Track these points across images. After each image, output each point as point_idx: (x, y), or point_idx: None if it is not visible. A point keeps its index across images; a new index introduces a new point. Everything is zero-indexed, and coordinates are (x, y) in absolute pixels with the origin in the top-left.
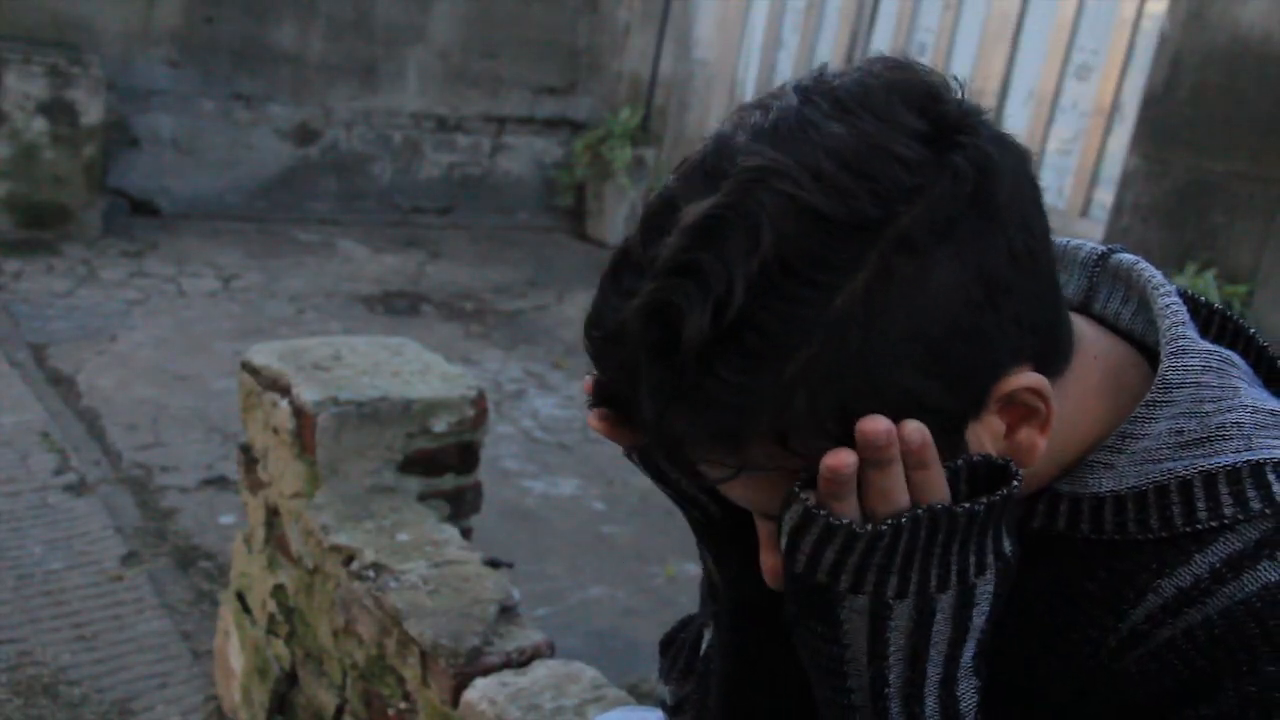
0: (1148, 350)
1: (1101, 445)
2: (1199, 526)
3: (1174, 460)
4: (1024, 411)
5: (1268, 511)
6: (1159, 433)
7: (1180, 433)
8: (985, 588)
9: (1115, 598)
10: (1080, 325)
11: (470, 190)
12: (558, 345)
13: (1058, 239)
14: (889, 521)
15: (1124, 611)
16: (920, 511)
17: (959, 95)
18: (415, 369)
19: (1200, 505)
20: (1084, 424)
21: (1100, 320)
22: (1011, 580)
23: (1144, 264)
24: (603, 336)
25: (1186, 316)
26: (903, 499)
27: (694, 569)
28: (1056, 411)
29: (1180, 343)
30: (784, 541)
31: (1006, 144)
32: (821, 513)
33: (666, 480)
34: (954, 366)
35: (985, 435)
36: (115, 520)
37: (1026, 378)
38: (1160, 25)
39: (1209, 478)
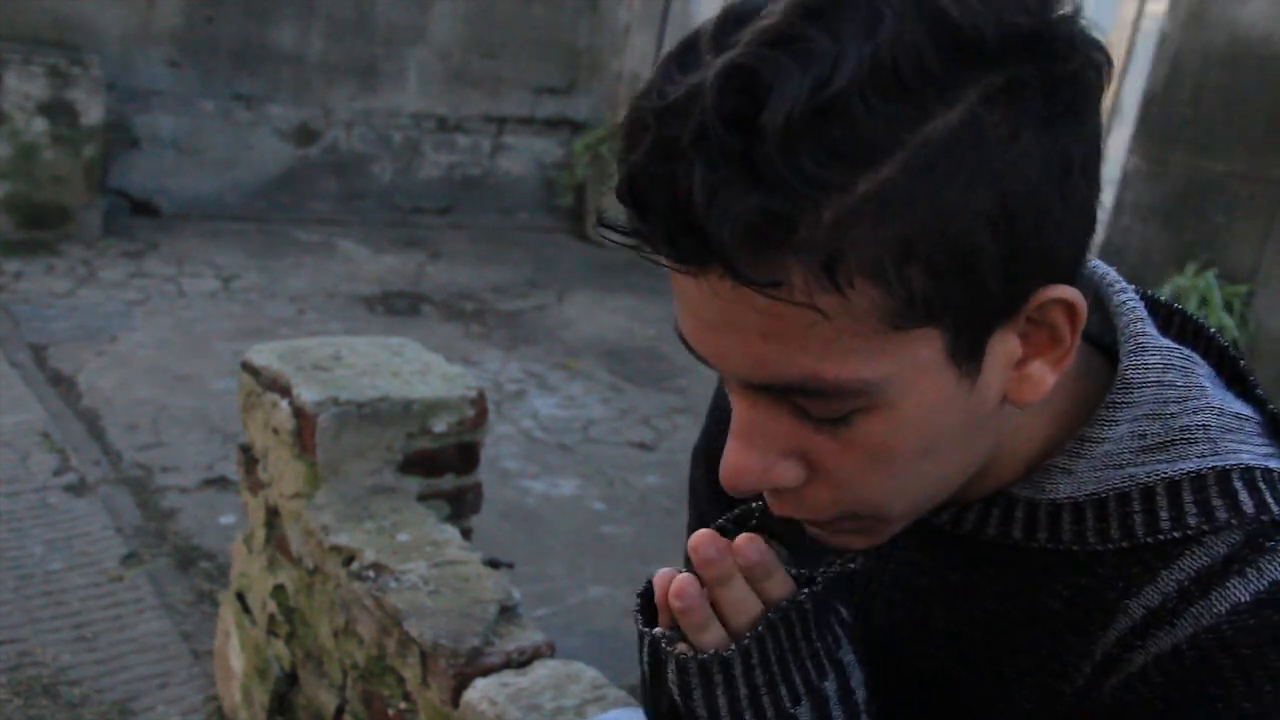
0: (1103, 350)
1: (1061, 449)
2: (1162, 537)
3: (1136, 465)
4: (1045, 337)
5: (1234, 522)
6: (1120, 435)
7: (1143, 436)
8: (849, 657)
9: (1083, 618)
10: None
11: (470, 190)
12: (558, 345)
13: None
14: (750, 633)
15: (1094, 634)
16: (773, 614)
17: None
18: (415, 369)
19: (1164, 515)
20: (1041, 423)
21: None
22: (856, 636)
23: (1098, 262)
24: (660, 106)
25: (1145, 313)
26: (756, 607)
27: None
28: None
29: (1140, 340)
30: (675, 698)
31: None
32: (688, 654)
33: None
34: (1018, 238)
35: (1002, 353)
36: (115, 520)
37: (1072, 291)
38: (1160, 25)
39: (1173, 485)
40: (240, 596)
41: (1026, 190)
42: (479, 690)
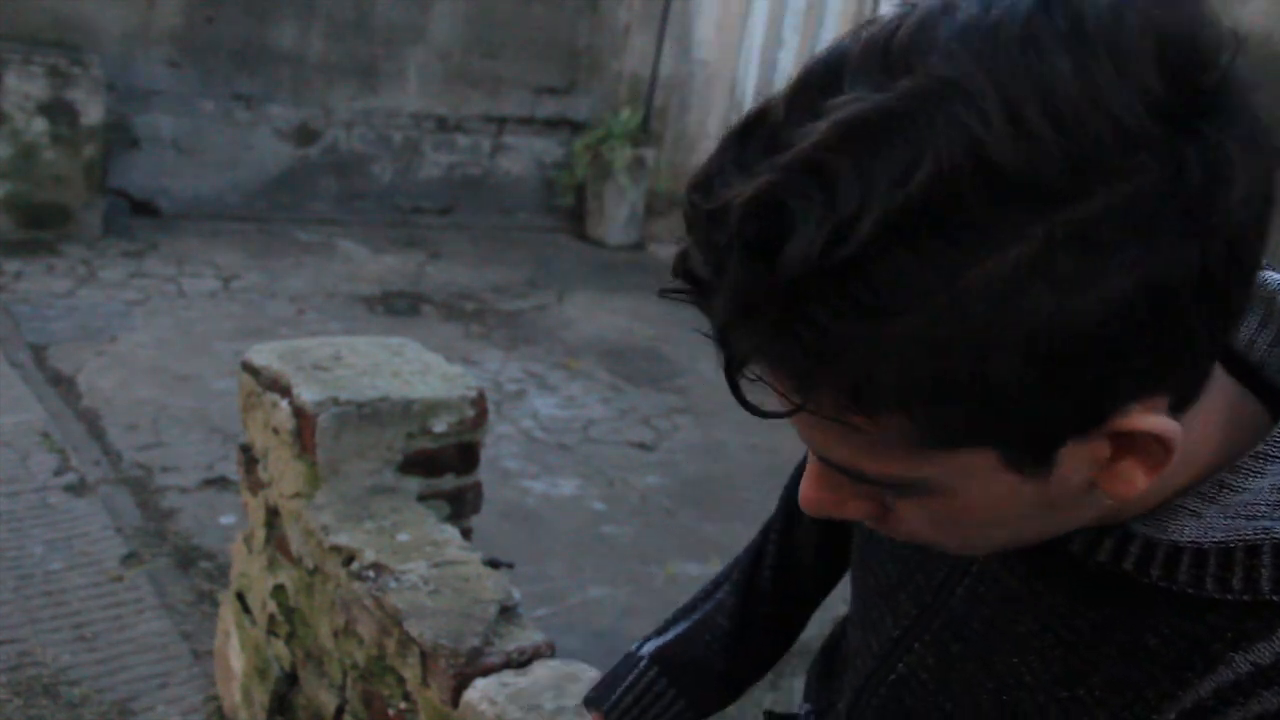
0: (1270, 388)
1: (1193, 490)
2: None
3: (1274, 520)
4: (1135, 446)
5: None
6: (1263, 488)
7: None
8: None
9: (1180, 662)
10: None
11: (470, 190)
12: (558, 345)
13: None
14: None
15: (1188, 680)
16: None
17: (1230, 60)
18: (415, 369)
19: None
20: (1180, 463)
21: (1227, 346)
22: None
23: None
24: (704, 209)
25: None
26: None
27: (694, 569)
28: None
29: None
30: None
31: (1261, 143)
32: None
33: None
34: (1075, 384)
35: (1084, 457)
36: (115, 520)
37: (1155, 421)
38: None
39: None
40: (240, 596)
41: (1095, 336)
42: (479, 690)
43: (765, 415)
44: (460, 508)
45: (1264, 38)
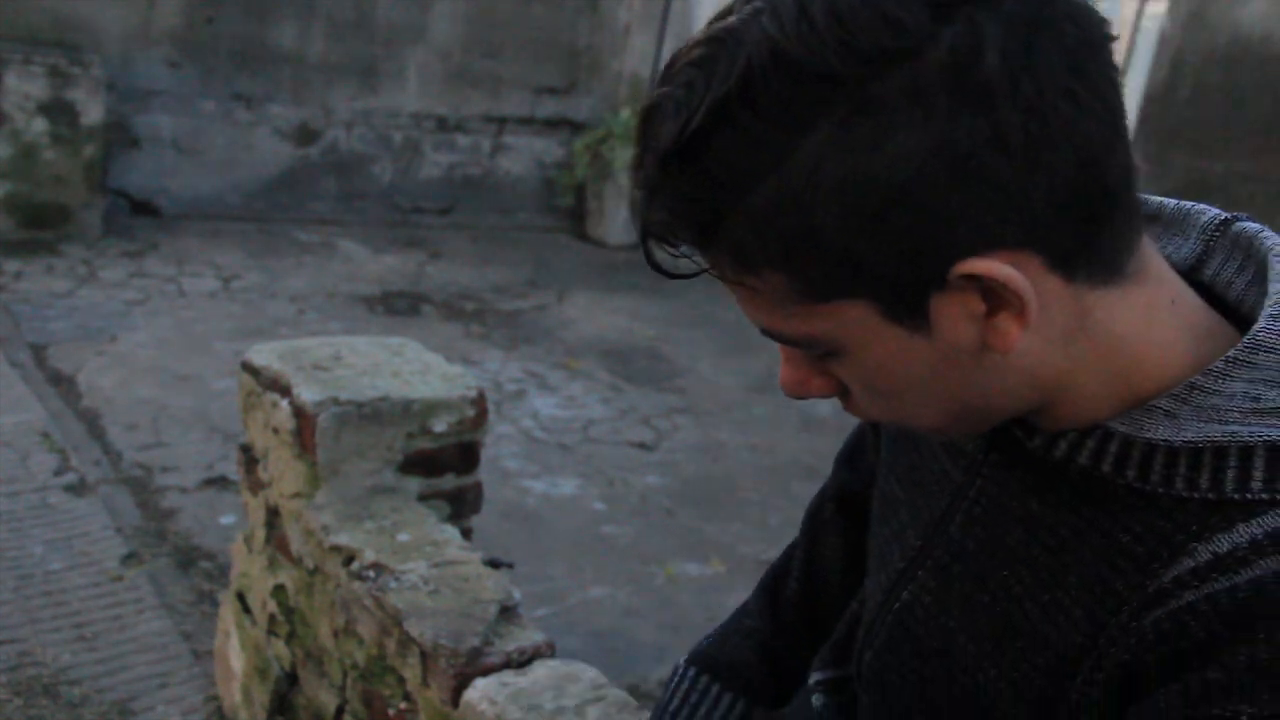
0: (1247, 321)
1: (1168, 392)
2: (1250, 496)
3: (1242, 425)
4: (1001, 297)
5: None
6: (1234, 392)
7: (1257, 399)
8: None
9: (1149, 555)
10: (1163, 276)
11: (470, 190)
12: (558, 345)
13: (1182, 203)
14: None
15: (1154, 570)
16: None
17: None
18: (415, 369)
19: (1257, 475)
20: (1148, 364)
21: (1210, 288)
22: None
23: (1269, 233)
24: (644, 109)
25: None
26: None
27: (694, 569)
28: (1072, 322)
29: None
30: None
31: (1037, 21)
32: None
33: None
34: (899, 236)
35: (958, 311)
36: (115, 520)
37: (989, 265)
38: (1160, 25)
39: (1274, 449)
40: (240, 596)
41: (899, 192)
42: (479, 690)
43: (674, 276)
44: (460, 508)
45: (1264, 38)
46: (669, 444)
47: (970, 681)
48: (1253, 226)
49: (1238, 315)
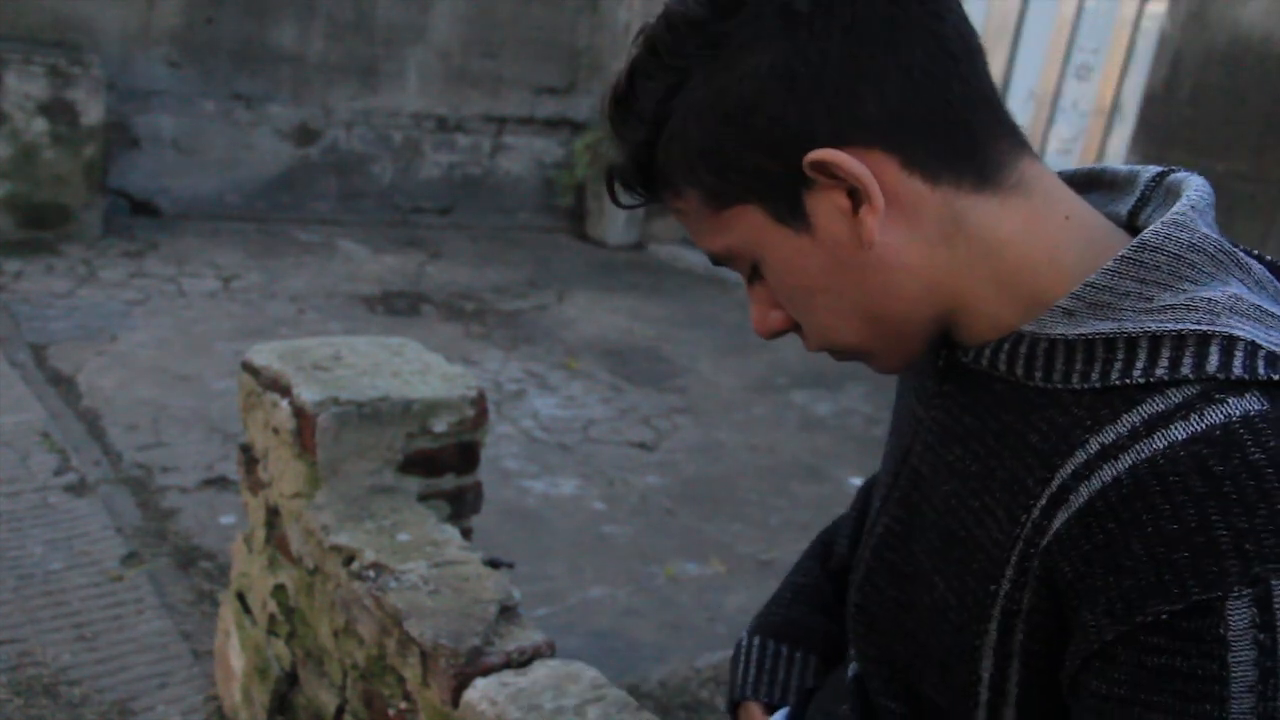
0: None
1: (1069, 294)
2: (1129, 382)
3: (1132, 321)
4: (862, 193)
5: (1190, 377)
6: (1126, 290)
7: (1149, 299)
8: None
9: (1050, 451)
10: (1058, 195)
11: (470, 190)
12: (558, 345)
13: (1133, 167)
14: None
15: (1056, 465)
16: None
17: None
18: (415, 369)
19: (1138, 364)
20: (1041, 270)
21: (1140, 230)
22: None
23: (1196, 177)
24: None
25: (1206, 209)
26: None
27: (694, 569)
28: (919, 210)
29: (1179, 218)
30: None
31: None
32: None
33: None
34: (760, 137)
35: (828, 207)
36: (115, 520)
37: (825, 152)
38: (1160, 25)
39: (1154, 339)
40: (240, 596)
41: (751, 101)
42: (479, 690)
43: (625, 206)
44: (460, 508)
45: (1264, 38)
46: (669, 444)
47: (929, 599)
48: (1182, 174)
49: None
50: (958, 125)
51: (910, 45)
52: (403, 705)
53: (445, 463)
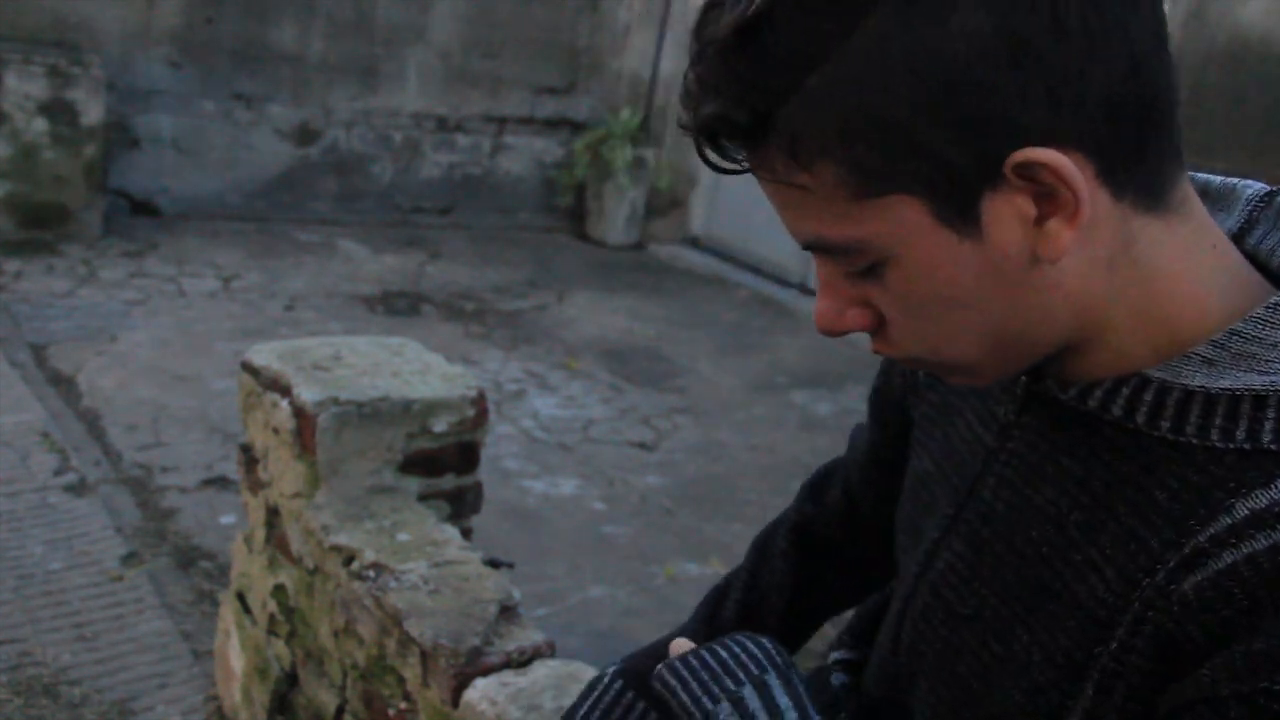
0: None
1: (1207, 339)
2: None
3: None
4: (1053, 199)
5: None
6: (1275, 341)
7: None
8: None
9: (1185, 513)
10: (1206, 221)
11: (470, 190)
12: (558, 345)
13: (1228, 179)
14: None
15: (1191, 528)
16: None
17: None
18: (415, 369)
19: None
20: (1186, 306)
21: (1253, 256)
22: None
23: None
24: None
25: None
26: None
27: (694, 569)
28: (1097, 223)
29: None
30: None
31: None
32: None
33: None
34: (959, 116)
35: (1008, 212)
36: (115, 520)
37: (1045, 152)
38: None
39: None
40: (240, 596)
41: (962, 68)
42: (479, 690)
43: (724, 171)
44: (460, 508)
45: (1264, 38)
46: (669, 444)
47: (1001, 648)
48: None
49: (1279, 280)
50: (1150, 128)
51: (1140, 22)
52: (403, 705)
53: (445, 463)
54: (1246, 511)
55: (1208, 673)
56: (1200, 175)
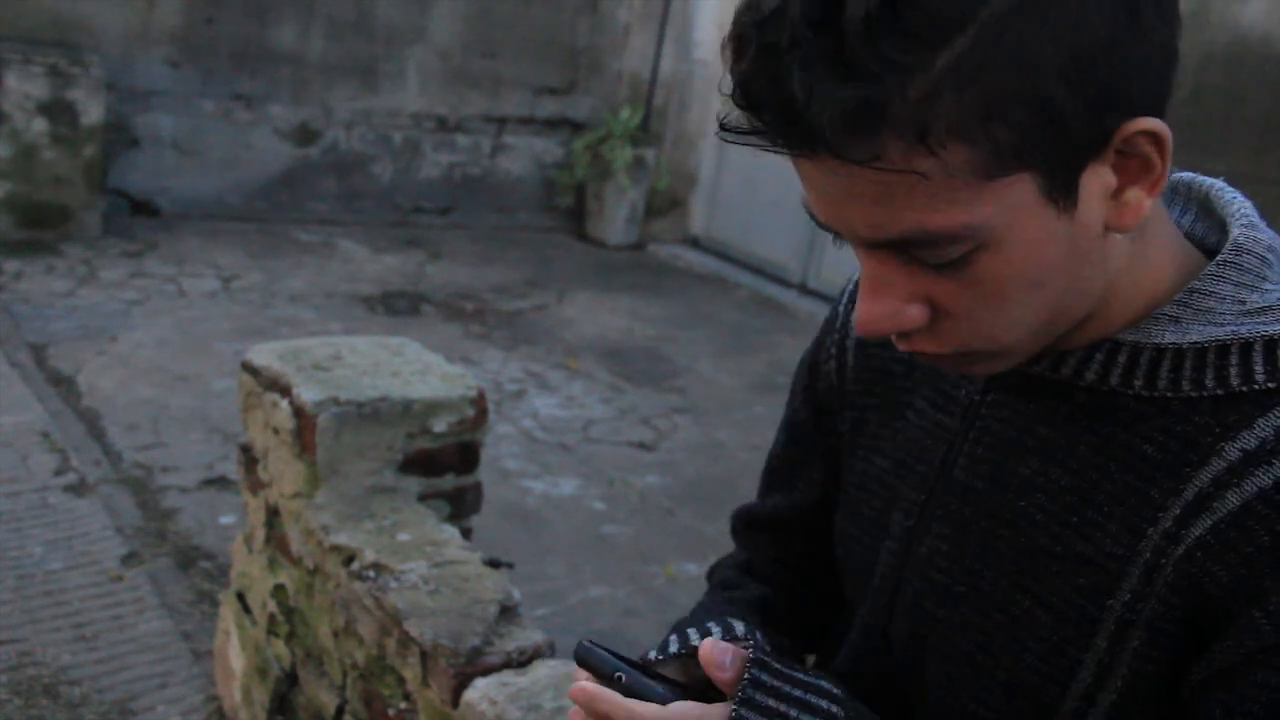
0: (1207, 252)
1: (1170, 300)
2: (1256, 387)
3: (1237, 324)
4: (1137, 166)
5: None
6: (1224, 295)
7: (1242, 302)
8: None
9: (1176, 460)
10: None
11: (470, 190)
12: (558, 345)
13: None
14: None
15: (1186, 474)
16: None
17: None
18: (415, 369)
19: (1258, 367)
20: (1150, 276)
21: None
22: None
23: (1202, 176)
24: (759, 19)
25: (1254, 210)
26: None
27: (694, 569)
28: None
29: (1251, 218)
30: None
31: None
32: None
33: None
34: (1096, 85)
35: (1097, 186)
36: (115, 520)
37: (1155, 122)
38: None
39: (1270, 342)
40: (240, 596)
41: (1095, 40)
42: (479, 690)
43: (848, 159)
44: (460, 507)
45: (1264, 38)
46: (669, 444)
47: (1004, 616)
48: (1187, 174)
49: (1200, 247)
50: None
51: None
52: (403, 705)
53: (445, 463)
54: (1239, 452)
55: (1264, 620)
56: None
